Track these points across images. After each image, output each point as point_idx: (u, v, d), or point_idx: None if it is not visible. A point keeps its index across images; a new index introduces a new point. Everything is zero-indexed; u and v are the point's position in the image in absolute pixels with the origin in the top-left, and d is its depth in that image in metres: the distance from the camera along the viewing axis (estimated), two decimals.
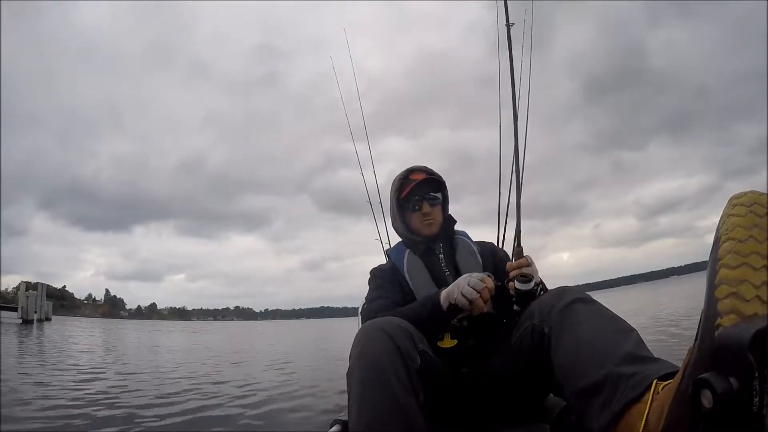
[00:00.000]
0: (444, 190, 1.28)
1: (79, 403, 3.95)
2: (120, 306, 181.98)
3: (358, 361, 0.80)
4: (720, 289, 0.47)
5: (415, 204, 1.23)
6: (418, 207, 1.23)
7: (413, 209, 1.24)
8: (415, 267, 1.20)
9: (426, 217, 1.23)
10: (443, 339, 1.07)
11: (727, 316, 0.46)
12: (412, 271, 1.20)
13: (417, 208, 1.23)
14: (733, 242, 0.49)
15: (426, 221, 1.23)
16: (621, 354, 0.69)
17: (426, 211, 1.22)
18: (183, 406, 3.97)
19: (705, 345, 0.48)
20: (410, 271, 1.20)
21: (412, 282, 1.18)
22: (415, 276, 1.19)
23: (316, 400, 4.27)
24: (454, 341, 1.07)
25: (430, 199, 1.23)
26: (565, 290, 0.89)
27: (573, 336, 0.78)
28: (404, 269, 1.21)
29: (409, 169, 1.28)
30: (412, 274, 1.19)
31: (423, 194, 1.23)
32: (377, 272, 1.26)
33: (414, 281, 1.18)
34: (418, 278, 1.19)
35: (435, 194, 1.25)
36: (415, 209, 1.24)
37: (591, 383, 0.69)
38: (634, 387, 0.63)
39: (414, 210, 1.24)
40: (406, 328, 0.85)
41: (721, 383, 0.44)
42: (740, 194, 0.53)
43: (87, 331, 20.22)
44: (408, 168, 1.29)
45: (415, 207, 1.24)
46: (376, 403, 0.75)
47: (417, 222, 1.24)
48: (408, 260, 1.22)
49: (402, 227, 1.27)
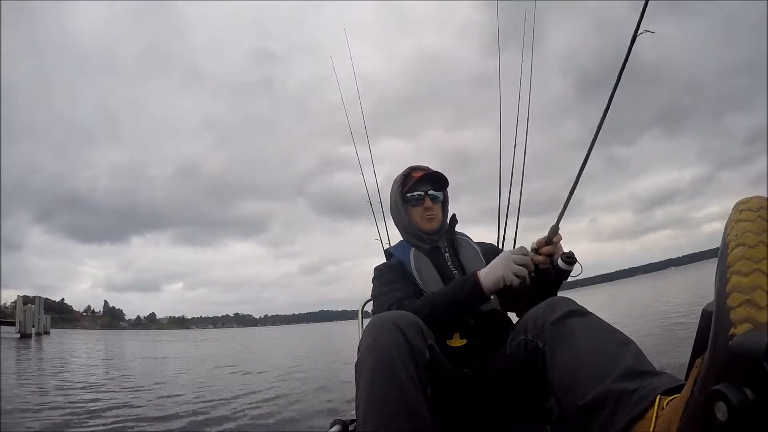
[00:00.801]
0: (445, 190, 1.30)
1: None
2: (119, 317, 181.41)
3: (368, 352, 0.80)
4: (732, 297, 0.46)
5: (417, 199, 1.25)
6: (420, 202, 1.25)
7: (415, 204, 1.26)
8: (423, 264, 1.20)
9: (427, 212, 1.25)
10: (452, 338, 1.07)
11: (741, 325, 0.44)
12: (420, 267, 1.19)
13: (419, 203, 1.25)
14: (744, 248, 0.47)
15: (427, 216, 1.25)
16: (620, 369, 0.67)
17: (428, 206, 1.24)
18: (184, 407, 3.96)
19: (717, 355, 0.46)
20: (418, 267, 1.19)
21: (421, 278, 1.17)
22: (424, 272, 1.18)
23: (319, 402, 4.26)
24: (464, 341, 1.07)
25: (432, 196, 1.25)
26: (558, 302, 0.87)
27: (569, 352, 0.76)
28: (411, 266, 1.20)
29: (412, 167, 1.30)
30: (421, 270, 1.19)
31: (425, 190, 1.25)
32: (384, 268, 1.25)
33: (423, 277, 1.17)
34: (426, 275, 1.18)
35: (437, 192, 1.27)
36: (417, 204, 1.25)
37: (590, 401, 0.67)
38: (637, 403, 0.61)
39: (415, 205, 1.25)
40: (416, 322, 0.85)
41: (735, 394, 0.42)
42: (746, 200, 0.52)
43: (85, 345, 20.04)
44: (411, 166, 1.30)
45: (417, 202, 1.25)
46: (386, 393, 0.75)
47: (418, 217, 1.25)
48: (415, 257, 1.21)
49: (406, 221, 1.27)
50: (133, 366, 9.60)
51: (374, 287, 1.20)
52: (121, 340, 26.89)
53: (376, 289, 1.19)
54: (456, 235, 1.30)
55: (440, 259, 1.22)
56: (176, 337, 38.49)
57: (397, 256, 1.25)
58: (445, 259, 1.23)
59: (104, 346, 19.08)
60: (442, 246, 1.26)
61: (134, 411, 4.03)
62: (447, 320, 1.03)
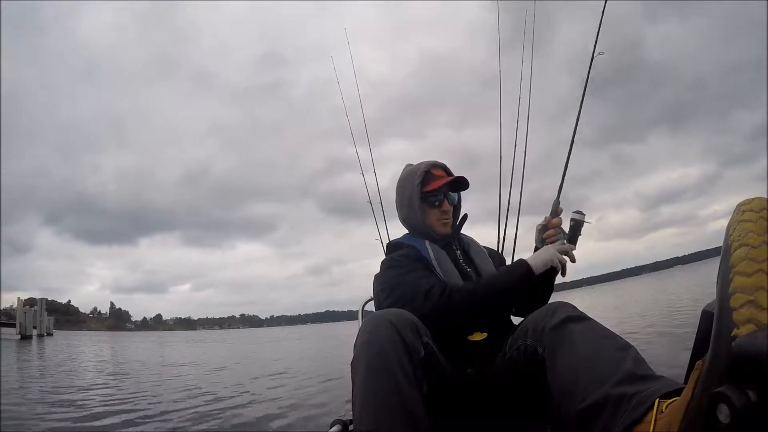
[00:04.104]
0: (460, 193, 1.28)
1: None
2: (125, 318, 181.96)
3: (364, 350, 0.80)
4: (735, 298, 0.45)
5: (437, 200, 1.21)
6: (438, 203, 1.21)
7: (433, 205, 1.22)
8: (441, 255, 1.16)
9: (444, 216, 1.22)
10: (472, 333, 1.06)
11: (744, 326, 0.44)
12: (439, 258, 1.15)
13: (438, 204, 1.21)
14: (747, 248, 0.46)
15: (443, 219, 1.22)
16: (620, 373, 0.68)
17: (446, 209, 1.21)
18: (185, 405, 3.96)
19: (719, 357, 0.46)
20: (437, 257, 1.15)
21: (441, 269, 1.13)
22: (444, 264, 1.14)
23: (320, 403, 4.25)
24: (484, 334, 1.06)
25: (452, 199, 1.23)
26: (557, 307, 0.87)
27: (569, 357, 0.77)
28: (430, 255, 1.15)
29: (431, 163, 1.25)
30: (440, 261, 1.15)
31: (445, 192, 1.22)
32: (400, 257, 1.15)
33: (443, 269, 1.13)
34: (446, 267, 1.14)
35: (455, 195, 1.25)
36: (435, 205, 1.21)
37: (590, 406, 0.67)
38: (636, 407, 0.61)
39: (433, 206, 1.22)
40: (411, 320, 0.85)
41: (738, 397, 0.42)
42: (748, 200, 0.51)
43: (85, 346, 19.94)
44: (428, 161, 1.25)
45: (436, 203, 1.21)
46: (381, 390, 0.75)
47: (433, 218, 1.22)
48: (432, 248, 1.17)
49: (420, 219, 1.21)
50: (127, 367, 9.50)
51: (389, 277, 1.09)
52: (124, 342, 26.88)
53: (394, 279, 1.08)
54: (462, 235, 1.29)
55: (453, 255, 1.20)
56: (180, 338, 38.50)
57: (412, 245, 1.19)
58: (457, 256, 1.21)
59: (104, 348, 19.01)
60: (454, 242, 1.24)
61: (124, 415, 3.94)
62: (493, 306, 1.04)
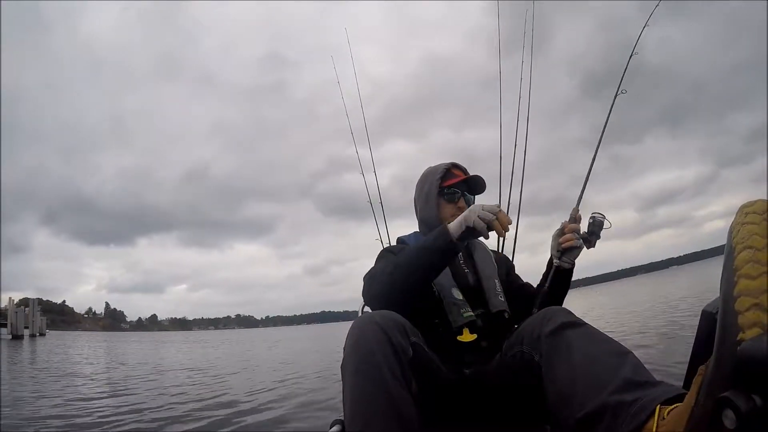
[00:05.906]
0: None
1: None
2: (120, 318, 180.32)
3: (352, 354, 0.79)
4: (740, 301, 0.44)
5: (454, 196, 1.26)
6: (455, 200, 1.25)
7: (449, 200, 1.26)
8: None
9: (459, 212, 1.22)
10: (462, 333, 1.07)
11: (749, 330, 0.43)
12: None
13: (455, 200, 1.25)
14: (751, 251, 0.46)
15: (457, 216, 1.22)
16: (618, 380, 0.66)
17: (461, 206, 1.24)
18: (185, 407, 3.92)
19: (724, 361, 0.45)
20: None
21: None
22: None
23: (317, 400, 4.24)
24: (474, 335, 1.06)
25: (467, 198, 1.27)
26: (553, 313, 0.86)
27: (566, 364, 0.75)
28: None
29: (454, 163, 1.31)
30: None
31: (462, 190, 1.26)
32: (392, 247, 1.25)
33: None
34: None
35: (471, 197, 1.29)
36: (452, 201, 1.26)
37: (589, 414, 0.66)
38: (636, 415, 0.59)
39: (449, 201, 1.26)
40: (399, 320, 0.84)
41: (744, 401, 0.41)
42: (750, 203, 0.51)
43: (77, 346, 19.71)
44: (449, 162, 1.31)
45: (453, 199, 1.26)
46: (370, 394, 0.75)
47: (448, 213, 1.25)
48: None
49: (434, 213, 1.26)
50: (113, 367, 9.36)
51: (369, 270, 1.13)
52: (116, 342, 26.62)
53: (370, 271, 1.12)
54: None
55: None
56: (174, 338, 38.14)
57: (410, 244, 1.25)
58: (458, 257, 1.22)
59: (94, 348, 18.79)
60: None
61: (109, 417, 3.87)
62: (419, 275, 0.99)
